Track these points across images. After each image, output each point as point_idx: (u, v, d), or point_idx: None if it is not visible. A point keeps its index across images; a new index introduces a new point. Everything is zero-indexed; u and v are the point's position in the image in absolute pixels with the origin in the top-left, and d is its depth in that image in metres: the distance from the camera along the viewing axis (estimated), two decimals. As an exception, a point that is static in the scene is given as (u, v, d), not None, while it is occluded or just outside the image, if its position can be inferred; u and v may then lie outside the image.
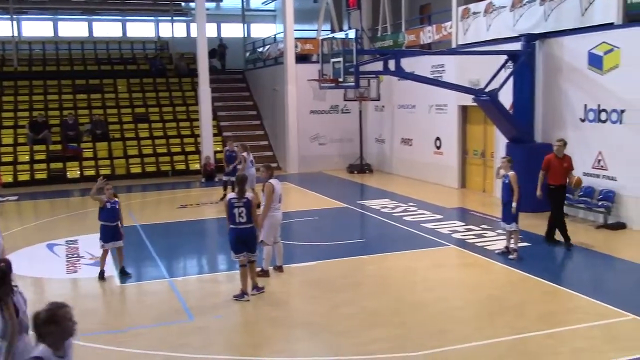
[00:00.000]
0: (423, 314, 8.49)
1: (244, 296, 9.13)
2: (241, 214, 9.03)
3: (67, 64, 28.54)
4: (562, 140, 11.75)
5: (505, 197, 10.94)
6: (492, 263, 10.79)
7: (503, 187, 10.96)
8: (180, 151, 24.08)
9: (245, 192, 9.16)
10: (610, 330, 7.81)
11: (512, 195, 10.73)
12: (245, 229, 9.08)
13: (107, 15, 32.60)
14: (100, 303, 9.59)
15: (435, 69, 18.86)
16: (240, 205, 9.02)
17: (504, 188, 10.94)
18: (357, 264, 11.06)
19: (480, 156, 17.79)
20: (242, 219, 9.04)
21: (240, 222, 9.05)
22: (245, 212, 9.02)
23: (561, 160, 11.56)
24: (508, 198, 10.83)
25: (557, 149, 11.60)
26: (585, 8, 13.78)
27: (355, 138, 23.31)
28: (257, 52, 27.95)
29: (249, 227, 9.10)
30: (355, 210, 16.16)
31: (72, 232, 13.78)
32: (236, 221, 9.06)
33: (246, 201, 9.03)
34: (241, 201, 9.04)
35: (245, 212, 9.02)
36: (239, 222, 9.06)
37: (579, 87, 14.04)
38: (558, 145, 11.63)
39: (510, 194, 10.76)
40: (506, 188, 10.86)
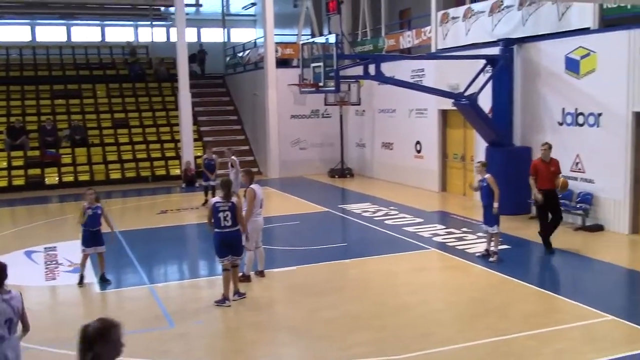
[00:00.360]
0: (405, 317, 8.51)
1: (225, 302, 9.08)
2: (226, 217, 9.01)
3: (45, 69, 28.25)
4: (547, 143, 11.66)
5: (485, 200, 11.02)
6: (473, 266, 10.86)
7: (482, 190, 11.03)
8: (160, 156, 23.94)
9: (230, 196, 9.13)
10: (589, 331, 7.89)
11: (492, 198, 10.81)
12: (230, 232, 9.06)
13: (86, 19, 32.31)
14: (79, 310, 9.48)
15: (415, 74, 18.97)
16: (225, 209, 9.00)
17: (483, 191, 11.02)
18: (338, 268, 11.06)
19: (460, 160, 17.91)
20: (227, 222, 9.01)
21: (226, 225, 9.03)
22: (230, 215, 9.01)
23: (548, 164, 11.46)
24: (488, 201, 10.91)
25: (544, 153, 11.51)
26: (562, 13, 13.95)
27: (336, 142, 23.35)
28: (238, 57, 27.90)
29: (234, 230, 9.08)
30: (337, 214, 16.17)
31: (50, 239, 13.62)
32: (221, 225, 9.03)
33: (231, 205, 9.01)
34: (226, 205, 9.02)
35: (231, 215, 9.01)
36: (224, 226, 9.03)
37: (556, 91, 14.20)
38: (544, 150, 11.55)
39: (490, 196, 10.85)
40: (485, 191, 10.94)
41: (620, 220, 12.73)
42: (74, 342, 3.68)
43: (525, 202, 14.48)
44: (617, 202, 12.79)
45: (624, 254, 11.72)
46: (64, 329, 8.54)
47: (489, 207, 10.95)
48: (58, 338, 8.11)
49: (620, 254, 11.60)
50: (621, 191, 12.65)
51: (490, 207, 10.89)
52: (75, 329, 8.83)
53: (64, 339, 8.07)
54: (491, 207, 10.87)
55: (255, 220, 10.05)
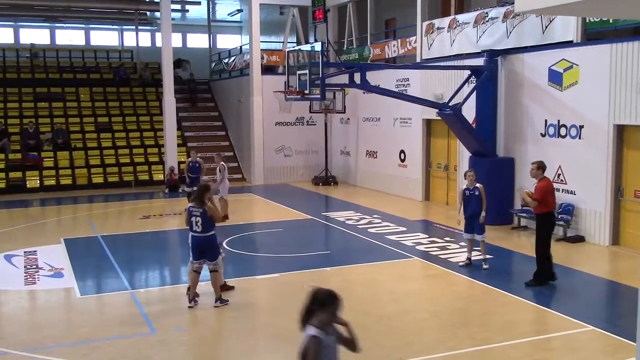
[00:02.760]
0: (386, 326, 8.52)
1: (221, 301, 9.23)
2: (197, 222, 9.09)
3: (28, 71, 28.02)
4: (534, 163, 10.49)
5: (475, 208, 11.06)
6: (455, 275, 10.90)
7: (471, 199, 11.09)
8: (143, 161, 23.81)
9: (204, 201, 9.14)
10: (570, 342, 7.94)
11: (481, 207, 10.95)
12: (201, 237, 9.14)
13: (70, 23, 32.13)
14: (59, 315, 9.37)
15: (400, 83, 19.07)
16: (197, 215, 9.07)
17: (472, 200, 11.08)
18: (321, 275, 11.04)
19: (444, 169, 18.00)
20: (198, 228, 9.10)
21: (197, 230, 9.12)
22: (201, 221, 9.05)
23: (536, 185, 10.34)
24: (478, 210, 11.00)
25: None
26: (546, 26, 14.10)
27: (320, 150, 23.38)
28: (223, 63, 27.87)
29: (204, 236, 9.13)
30: (320, 222, 16.17)
31: (30, 243, 13.48)
32: (193, 229, 9.14)
33: (202, 211, 9.05)
34: (198, 210, 9.07)
35: (202, 221, 9.05)
36: (195, 231, 9.14)
37: (539, 102, 14.34)
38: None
39: (480, 205, 10.96)
40: (475, 200, 11.03)
41: (601, 232, 12.86)
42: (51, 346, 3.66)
43: (507, 212, 14.59)
44: (598, 213, 12.92)
45: (605, 265, 11.84)
46: (43, 333, 8.45)
47: (476, 217, 11.04)
48: (35, 342, 8.02)
49: (601, 265, 11.71)
50: (602, 203, 12.79)
51: (479, 216, 10.99)
52: (56, 334, 8.77)
53: (44, 343, 7.99)
54: (479, 216, 10.98)
55: None
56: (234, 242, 13.64)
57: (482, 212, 10.99)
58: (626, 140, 12.59)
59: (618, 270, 11.43)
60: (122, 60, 30.94)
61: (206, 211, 9.08)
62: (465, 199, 11.21)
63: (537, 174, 10.24)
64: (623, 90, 12.24)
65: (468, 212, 11.20)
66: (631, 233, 12.47)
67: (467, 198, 11.16)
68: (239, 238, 14.10)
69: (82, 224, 16.45)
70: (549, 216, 10.27)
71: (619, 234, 12.81)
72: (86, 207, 19.30)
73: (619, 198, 12.71)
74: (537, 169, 10.27)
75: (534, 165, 10.34)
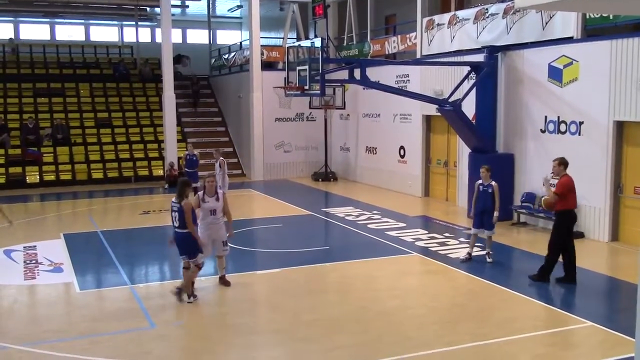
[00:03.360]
0: (386, 321, 8.53)
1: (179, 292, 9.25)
2: (175, 218, 9.19)
3: (28, 67, 28.01)
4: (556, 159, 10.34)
5: (486, 204, 11.16)
6: (455, 271, 10.91)
7: (484, 195, 11.16)
8: (143, 157, 23.80)
9: (183, 197, 9.18)
10: (568, 337, 7.96)
11: (493, 204, 11.07)
12: (177, 233, 9.24)
13: (70, 18, 32.10)
14: (59, 310, 9.38)
15: (400, 79, 19.06)
16: (175, 210, 9.18)
17: (485, 196, 11.15)
18: (320, 271, 11.06)
19: (444, 165, 18.00)
20: (175, 223, 9.21)
21: (175, 226, 9.24)
22: (178, 217, 9.14)
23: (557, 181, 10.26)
24: (489, 206, 11.12)
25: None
26: (546, 22, 14.09)
27: (320, 146, 23.37)
28: (223, 59, 27.84)
29: (181, 232, 9.20)
30: (320, 217, 16.17)
31: (30, 238, 13.49)
32: (173, 224, 9.29)
33: (179, 207, 9.10)
34: (176, 206, 9.17)
35: (178, 217, 9.14)
36: (173, 226, 9.29)
37: (539, 98, 14.34)
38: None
39: (491, 201, 11.08)
40: (488, 196, 11.12)
41: (601, 228, 12.87)
42: (51, 341, 3.68)
43: (507, 208, 14.59)
44: (597, 209, 12.93)
45: (604, 261, 11.85)
46: (42, 328, 8.46)
47: (488, 212, 11.13)
48: (35, 337, 8.03)
49: (600, 261, 11.73)
50: (602, 199, 12.80)
51: (490, 212, 11.11)
52: (55, 329, 8.83)
53: (44, 337, 8.00)
54: (490, 213, 11.10)
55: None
56: (234, 237, 13.64)
57: (495, 212, 11.07)
58: (626, 137, 12.59)
59: (617, 266, 11.45)
60: (122, 56, 30.91)
61: (182, 207, 9.09)
62: (478, 194, 11.27)
63: (559, 171, 10.11)
64: (623, 87, 12.24)
65: (479, 207, 11.27)
66: (631, 229, 12.48)
67: (480, 193, 11.23)
68: (239, 234, 14.10)
69: (81, 219, 16.46)
70: (569, 214, 10.16)
71: (619, 230, 12.82)
72: (86, 202, 19.30)
73: (619, 194, 12.72)
74: (559, 165, 10.12)
75: (556, 162, 10.19)
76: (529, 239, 13.33)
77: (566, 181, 9.99)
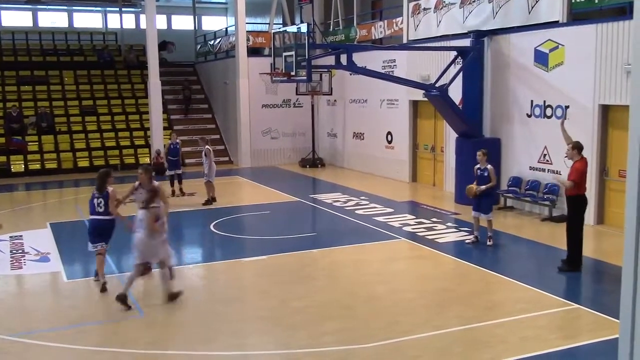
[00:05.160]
0: (374, 306, 8.57)
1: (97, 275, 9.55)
2: (100, 204, 9.30)
3: (11, 54, 27.64)
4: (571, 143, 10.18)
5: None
6: (442, 255, 10.97)
7: (480, 178, 11.32)
8: (129, 145, 23.66)
9: (104, 188, 9.31)
10: (555, 320, 8.04)
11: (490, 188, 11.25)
12: (102, 220, 9.35)
13: (53, 4, 31.70)
14: (46, 299, 9.35)
15: (387, 64, 19.02)
16: (99, 197, 9.30)
17: (481, 180, 11.30)
18: (308, 257, 11.08)
19: (431, 150, 18.03)
20: (100, 209, 9.31)
21: (99, 212, 9.31)
22: (103, 202, 9.28)
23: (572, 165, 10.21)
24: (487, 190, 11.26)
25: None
26: (532, 6, 14.09)
27: (307, 132, 23.34)
28: (208, 45, 27.65)
29: (107, 219, 9.35)
30: (308, 204, 16.18)
31: (16, 228, 13.39)
32: (95, 211, 9.32)
33: (105, 194, 9.28)
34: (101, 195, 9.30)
35: (104, 202, 9.27)
36: (97, 212, 9.33)
37: (525, 83, 14.37)
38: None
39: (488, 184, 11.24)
40: (484, 180, 11.26)
41: (587, 212, 12.93)
42: (39, 331, 3.62)
43: (494, 193, 14.63)
44: (583, 193, 13.00)
45: (589, 244, 11.91)
46: (30, 318, 8.42)
47: (486, 196, 11.28)
48: (23, 327, 7.99)
49: (586, 244, 11.74)
50: (587, 183, 12.84)
51: (488, 196, 11.30)
52: (43, 319, 8.79)
53: (31, 328, 7.97)
54: (488, 196, 11.30)
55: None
56: (221, 224, 13.63)
57: (483, 187, 11.21)
58: (611, 120, 12.66)
59: (603, 249, 11.55)
60: (106, 42, 30.61)
61: (108, 194, 9.30)
62: (476, 178, 11.42)
63: (573, 155, 10.04)
64: (608, 71, 12.28)
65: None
66: (616, 212, 12.57)
67: (477, 177, 11.38)
68: (226, 221, 14.10)
69: (68, 208, 16.35)
70: (582, 198, 10.17)
71: (604, 213, 12.93)
72: (72, 191, 19.17)
73: (604, 177, 12.81)
74: (573, 149, 10.03)
75: (570, 146, 10.09)
76: (516, 223, 13.41)
77: (580, 166, 9.97)
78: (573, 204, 10.18)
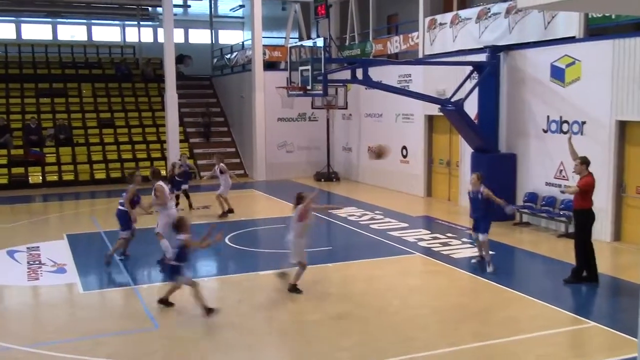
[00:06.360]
0: (388, 321, 8.54)
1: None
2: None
3: (30, 67, 28.03)
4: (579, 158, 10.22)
5: (479, 211, 11.01)
6: (457, 271, 10.91)
7: (474, 201, 11.02)
8: (145, 157, 23.82)
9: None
10: (572, 338, 7.97)
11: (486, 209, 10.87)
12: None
13: (72, 18, 32.12)
14: (62, 311, 9.40)
15: (402, 79, 19.05)
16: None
17: (475, 203, 11.00)
18: (323, 271, 11.06)
19: (446, 165, 18.00)
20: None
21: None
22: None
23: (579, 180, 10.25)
24: (482, 212, 10.93)
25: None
26: (548, 22, 14.08)
27: (322, 146, 23.37)
28: (225, 59, 27.85)
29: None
30: (322, 218, 16.15)
31: (33, 239, 13.51)
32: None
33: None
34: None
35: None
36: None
37: (541, 98, 14.32)
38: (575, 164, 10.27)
39: (484, 208, 10.87)
40: (478, 202, 10.90)
41: (603, 228, 12.84)
42: (54, 342, 3.64)
43: (493, 212, 14.52)
44: (599, 209, 12.87)
45: (606, 261, 11.82)
46: (45, 329, 8.48)
47: (481, 218, 10.97)
48: (38, 338, 8.05)
49: (603, 261, 11.66)
50: (604, 199, 12.76)
51: (484, 218, 10.93)
52: (58, 330, 8.83)
53: (46, 339, 8.02)
54: (484, 218, 10.92)
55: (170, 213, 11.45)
56: (237, 237, 13.67)
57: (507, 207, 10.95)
58: (628, 136, 12.57)
59: (620, 266, 11.44)
60: (124, 55, 30.94)
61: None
62: (470, 201, 11.25)
63: (581, 170, 10.05)
64: (625, 86, 12.22)
65: (473, 213, 11.33)
66: (633, 229, 12.46)
67: (471, 200, 11.18)
68: (242, 234, 14.14)
69: (84, 219, 16.48)
70: (589, 212, 10.18)
71: (621, 230, 12.81)
72: (88, 202, 19.31)
73: (621, 194, 12.70)
74: (582, 164, 10.04)
75: (578, 161, 10.08)
76: (532, 239, 13.33)
77: (590, 180, 10.00)
78: (578, 217, 10.20)
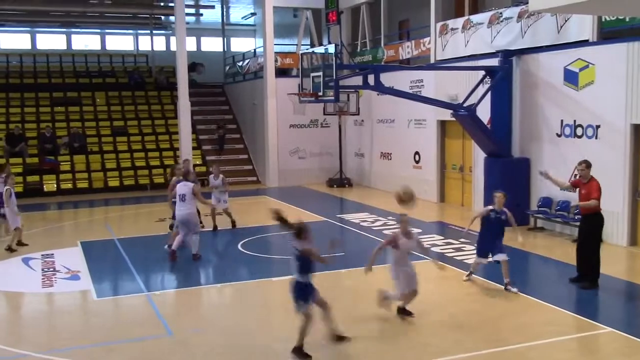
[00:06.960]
0: (403, 327, 8.49)
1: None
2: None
3: (45, 76, 28.32)
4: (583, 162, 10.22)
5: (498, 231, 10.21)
6: (471, 276, 10.82)
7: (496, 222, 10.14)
8: (159, 164, 23.94)
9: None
10: (588, 343, 7.88)
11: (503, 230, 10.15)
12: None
13: (86, 28, 32.42)
14: (76, 317, 9.45)
15: (414, 84, 19.02)
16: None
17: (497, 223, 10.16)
18: (336, 277, 11.04)
19: (459, 170, 17.93)
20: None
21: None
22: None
23: (584, 185, 10.13)
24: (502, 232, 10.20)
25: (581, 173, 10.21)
26: (561, 25, 14.01)
27: (334, 152, 23.37)
28: (237, 66, 27.97)
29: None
30: (335, 224, 16.15)
31: (48, 246, 13.60)
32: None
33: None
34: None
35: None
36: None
37: (555, 102, 14.24)
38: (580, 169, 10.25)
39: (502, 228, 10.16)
40: (500, 223, 10.15)
41: (619, 232, 12.74)
42: (68, 349, 3.65)
43: (524, 214, 14.47)
44: (615, 214, 12.78)
45: (622, 266, 11.72)
46: (59, 336, 8.51)
47: (500, 237, 10.21)
48: (52, 345, 8.08)
49: (618, 266, 11.58)
50: (619, 203, 12.66)
51: (502, 237, 10.19)
52: (72, 336, 8.86)
53: (60, 345, 8.05)
54: (502, 237, 10.18)
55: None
56: (249, 244, 13.68)
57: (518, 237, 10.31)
58: (643, 140, 12.47)
59: (636, 270, 11.32)
60: (137, 64, 31.17)
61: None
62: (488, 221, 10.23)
63: (587, 174, 9.96)
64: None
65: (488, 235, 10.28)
66: (649, 233, 12.34)
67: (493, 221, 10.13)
68: (254, 240, 14.15)
69: (98, 226, 16.57)
70: (599, 216, 10.11)
71: (637, 234, 12.69)
72: (102, 210, 19.43)
73: (637, 198, 12.59)
74: (587, 167, 9.97)
75: (584, 165, 9.99)
76: (546, 244, 13.23)
77: (599, 185, 9.94)
78: (591, 222, 10.07)
